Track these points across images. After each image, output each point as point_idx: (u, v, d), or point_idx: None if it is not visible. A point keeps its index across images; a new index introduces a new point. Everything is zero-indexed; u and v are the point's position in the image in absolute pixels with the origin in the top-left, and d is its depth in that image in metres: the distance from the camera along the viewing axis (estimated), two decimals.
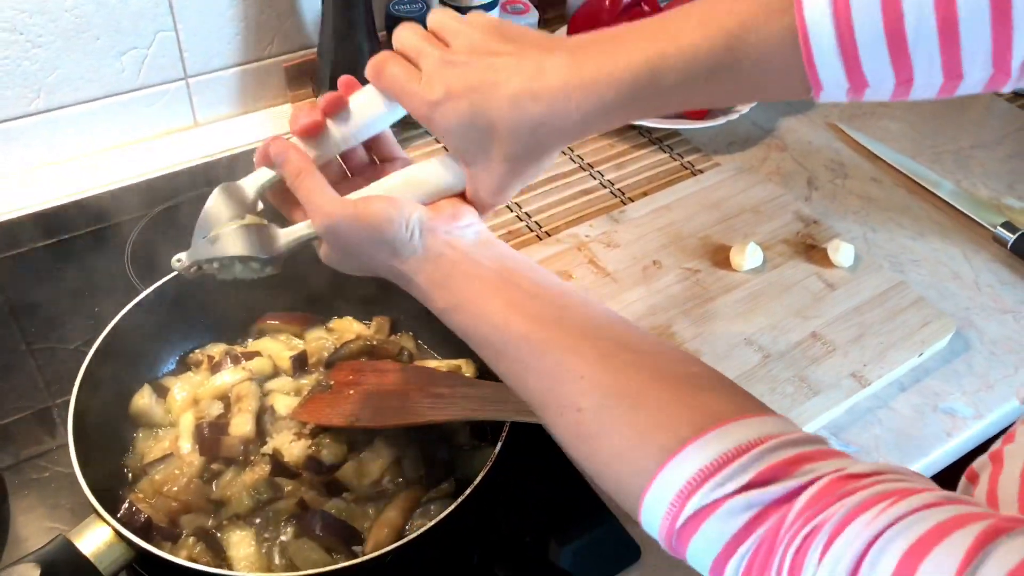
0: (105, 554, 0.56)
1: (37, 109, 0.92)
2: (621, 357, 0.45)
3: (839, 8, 0.42)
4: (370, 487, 0.65)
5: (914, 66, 0.43)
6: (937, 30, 0.41)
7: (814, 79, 0.44)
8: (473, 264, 0.51)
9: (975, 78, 0.43)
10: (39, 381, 0.77)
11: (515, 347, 0.48)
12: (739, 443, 0.39)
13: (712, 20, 0.45)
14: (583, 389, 0.45)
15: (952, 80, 0.43)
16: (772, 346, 0.80)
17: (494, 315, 0.49)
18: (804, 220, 0.94)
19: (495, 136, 0.50)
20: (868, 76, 0.43)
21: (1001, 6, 0.40)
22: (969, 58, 0.42)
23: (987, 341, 0.84)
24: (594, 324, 0.48)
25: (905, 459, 0.74)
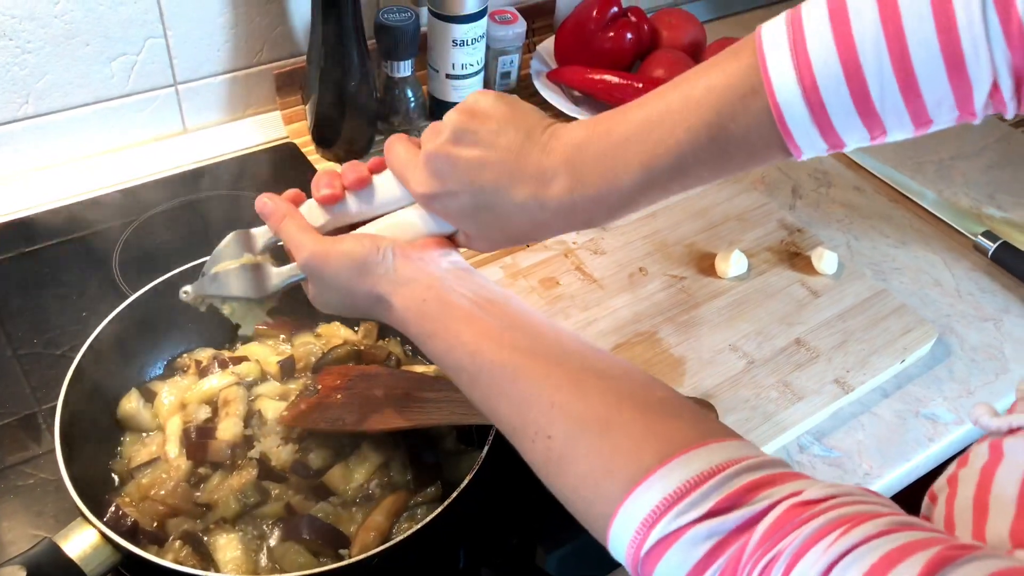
0: (91, 557, 0.56)
1: (26, 114, 0.92)
2: (591, 384, 0.47)
3: (807, 87, 0.45)
4: (357, 491, 0.66)
5: (885, 122, 0.47)
6: (899, 91, 0.45)
7: (794, 148, 0.49)
8: (447, 292, 0.52)
9: (944, 120, 0.46)
10: (25, 387, 0.76)
11: (488, 374, 0.49)
12: (700, 470, 0.40)
13: (691, 113, 0.49)
14: (554, 417, 0.46)
15: (923, 127, 0.47)
16: (756, 352, 0.81)
17: (468, 343, 0.50)
18: (788, 228, 0.95)
19: (499, 225, 0.54)
20: (843, 137, 0.48)
21: (953, 60, 0.43)
22: (934, 108, 0.45)
23: (968, 348, 0.86)
24: (566, 352, 0.49)
25: (887, 464, 0.75)
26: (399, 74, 1.00)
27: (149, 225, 0.91)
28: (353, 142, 1.01)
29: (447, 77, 1.03)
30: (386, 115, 1.03)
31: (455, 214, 0.55)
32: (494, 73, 1.08)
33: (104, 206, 0.93)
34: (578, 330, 0.82)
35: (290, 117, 1.04)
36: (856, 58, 0.44)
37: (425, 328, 0.52)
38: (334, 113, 0.98)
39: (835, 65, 0.45)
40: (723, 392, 0.77)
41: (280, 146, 1.03)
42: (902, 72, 0.44)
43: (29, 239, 0.89)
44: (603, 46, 1.09)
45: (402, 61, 0.99)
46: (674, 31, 1.14)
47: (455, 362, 0.51)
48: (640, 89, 1.05)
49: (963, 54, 0.43)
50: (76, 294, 0.83)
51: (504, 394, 0.48)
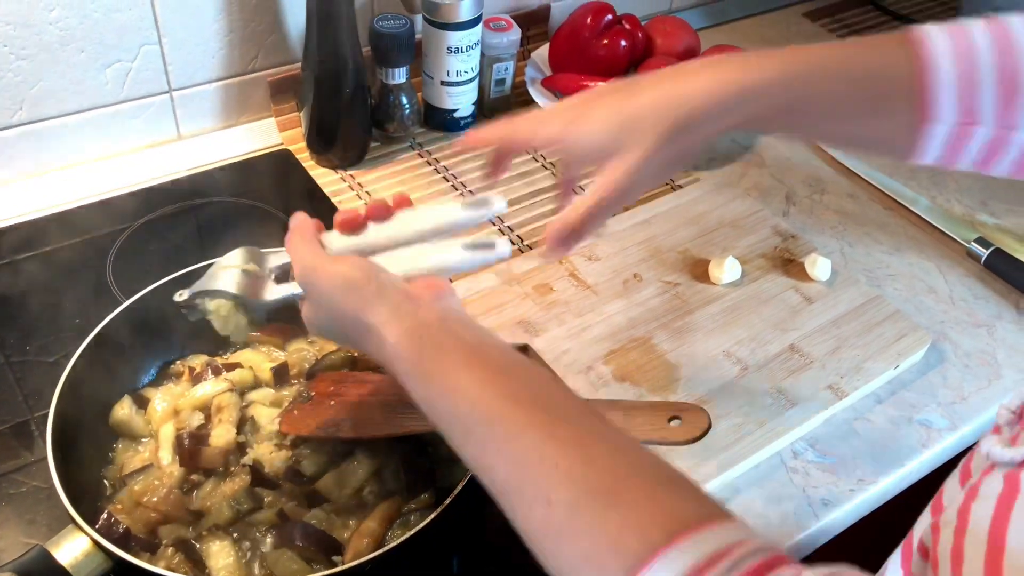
0: (83, 564, 0.55)
1: (20, 121, 0.92)
2: (598, 449, 0.43)
3: (959, 51, 0.52)
4: (350, 497, 0.65)
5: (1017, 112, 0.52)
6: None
7: (927, 99, 0.52)
8: (445, 333, 0.49)
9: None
10: (17, 394, 0.76)
11: (487, 426, 0.45)
12: (707, 554, 0.38)
13: (852, 42, 0.56)
14: (557, 480, 0.42)
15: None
16: (750, 358, 0.81)
17: (467, 389, 0.47)
18: (782, 235, 0.95)
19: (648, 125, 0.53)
20: (978, 112, 0.52)
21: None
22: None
23: (961, 354, 0.86)
24: (573, 412, 0.46)
25: (881, 470, 0.75)
26: (394, 81, 1.00)
27: (143, 232, 0.91)
28: (348, 149, 1.01)
29: (442, 84, 1.03)
30: (381, 122, 1.03)
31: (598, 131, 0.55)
32: (488, 80, 1.08)
33: (98, 212, 0.93)
34: (572, 336, 0.82)
35: (285, 124, 1.05)
36: (1012, 47, 0.52)
37: (419, 369, 0.49)
38: (329, 120, 0.98)
39: (989, 47, 0.52)
40: (717, 398, 0.77)
41: (275, 153, 1.03)
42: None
43: (22, 246, 0.89)
44: (597, 53, 1.10)
45: (397, 68, 0.99)
46: (668, 38, 1.14)
47: (449, 409, 0.47)
48: None
49: None
50: (69, 301, 0.83)
51: (502, 450, 0.45)
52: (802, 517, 0.71)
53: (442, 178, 1.02)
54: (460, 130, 1.08)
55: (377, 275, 0.53)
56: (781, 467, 0.75)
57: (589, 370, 0.79)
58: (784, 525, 0.71)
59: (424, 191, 1.00)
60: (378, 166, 1.03)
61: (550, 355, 0.80)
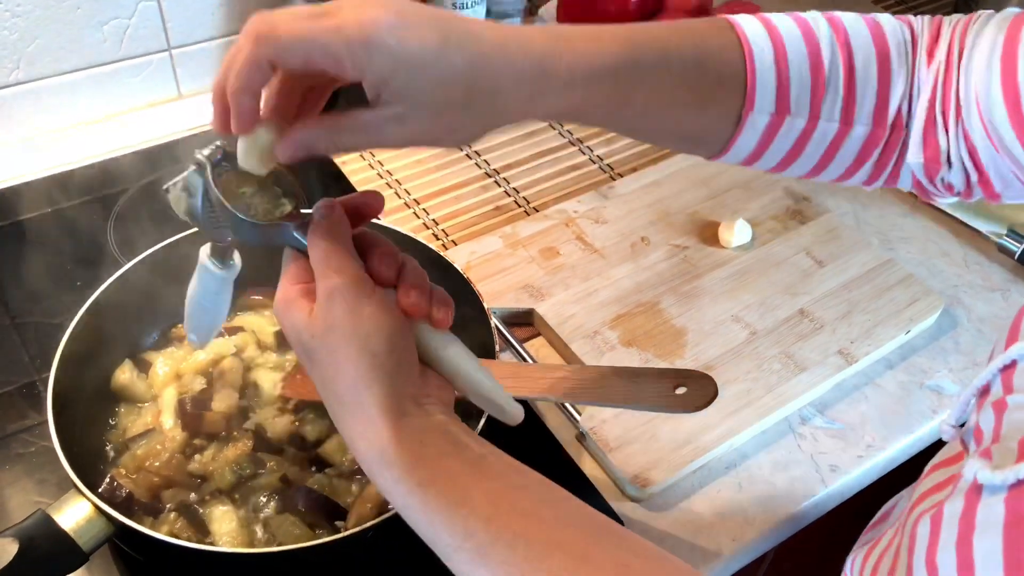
0: (85, 529, 0.55)
1: (17, 80, 0.91)
2: (636, 569, 0.40)
3: (775, 43, 0.52)
4: (353, 463, 0.65)
5: (823, 104, 0.52)
6: (843, 74, 0.52)
7: (751, 92, 0.51)
8: (449, 442, 0.43)
9: (859, 131, 0.53)
10: (24, 356, 0.76)
11: (508, 548, 0.39)
12: None
13: (680, 25, 0.51)
14: None
15: (845, 126, 0.53)
16: (759, 323, 0.80)
17: (478, 503, 0.40)
18: (794, 196, 0.93)
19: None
20: (792, 103, 0.52)
21: (884, 73, 0.53)
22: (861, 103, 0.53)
23: (974, 319, 0.84)
24: (594, 525, 0.42)
25: (891, 436, 0.74)
26: None
27: (144, 193, 0.90)
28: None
29: None
30: None
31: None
32: None
33: (98, 174, 0.92)
34: (578, 300, 0.81)
35: None
36: (815, 41, 0.52)
37: (416, 476, 0.41)
38: None
39: (799, 40, 0.52)
40: (724, 363, 0.76)
41: None
42: (846, 59, 0.53)
43: (23, 207, 0.88)
44: (607, 8, 1.07)
45: None
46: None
47: (456, 525, 0.40)
48: None
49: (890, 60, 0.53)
50: (71, 263, 0.83)
51: (526, 574, 0.39)
52: (809, 483, 0.71)
53: None
54: None
55: (401, 351, 0.44)
56: (789, 433, 0.74)
57: (595, 335, 0.78)
58: (791, 491, 0.70)
59: (431, 151, 0.98)
60: None
61: (555, 320, 0.79)
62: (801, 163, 0.56)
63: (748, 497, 0.69)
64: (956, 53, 0.53)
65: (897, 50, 0.54)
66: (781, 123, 0.53)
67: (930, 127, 0.54)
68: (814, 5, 0.57)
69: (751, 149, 0.55)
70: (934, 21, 0.55)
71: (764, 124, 0.53)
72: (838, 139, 0.54)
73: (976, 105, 0.51)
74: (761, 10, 0.57)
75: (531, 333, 0.80)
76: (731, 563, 0.67)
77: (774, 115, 0.53)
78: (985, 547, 0.36)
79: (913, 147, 0.55)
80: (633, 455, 0.69)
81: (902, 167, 0.57)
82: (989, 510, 0.37)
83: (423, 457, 0.42)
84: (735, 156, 0.56)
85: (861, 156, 0.56)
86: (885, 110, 0.54)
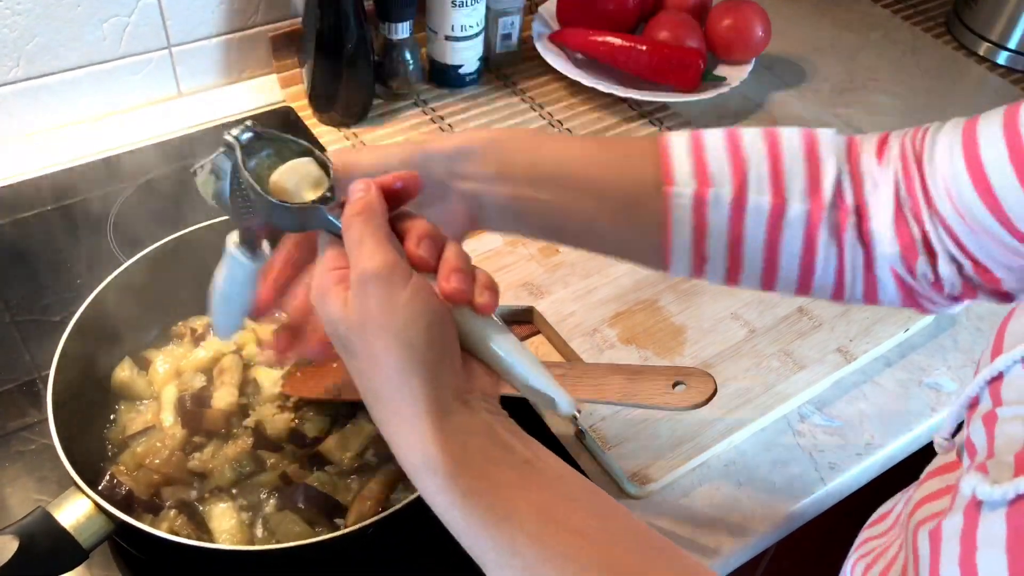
0: (85, 526, 0.55)
1: (16, 77, 0.91)
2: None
3: (695, 147, 0.54)
4: (353, 460, 0.65)
5: (748, 198, 0.52)
6: (767, 154, 0.53)
7: (666, 160, 0.53)
8: (495, 445, 0.40)
9: (797, 208, 0.52)
10: (24, 353, 0.76)
11: (557, 568, 0.37)
12: None
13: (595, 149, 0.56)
14: None
15: (778, 199, 0.52)
16: (758, 321, 0.80)
17: (525, 518, 0.38)
18: None
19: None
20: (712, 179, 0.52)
21: (812, 155, 0.53)
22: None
23: (973, 316, 0.84)
24: (648, 542, 0.40)
25: (889, 433, 0.74)
26: (397, 36, 0.97)
27: (144, 191, 0.90)
28: (351, 106, 0.99)
29: (446, 39, 1.01)
30: (384, 78, 1.01)
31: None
32: (495, 35, 1.06)
33: (98, 171, 0.92)
34: (577, 298, 0.81)
35: (287, 80, 1.03)
36: (736, 132, 0.55)
37: (460, 484, 0.39)
38: (331, 76, 0.96)
39: (718, 133, 0.55)
40: (723, 361, 0.77)
41: (277, 110, 1.01)
42: (772, 151, 0.53)
43: (22, 205, 0.88)
44: (607, 7, 1.07)
45: (400, 23, 0.96)
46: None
47: (502, 541, 0.38)
48: (643, 52, 1.03)
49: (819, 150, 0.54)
50: (71, 261, 0.83)
51: None
52: (808, 481, 0.71)
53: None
54: (466, 87, 1.06)
55: (441, 341, 0.41)
56: (788, 430, 0.74)
57: (595, 332, 0.78)
58: (790, 489, 0.70)
59: None
60: (382, 124, 1.01)
61: (555, 317, 0.79)
62: (750, 255, 0.53)
63: (747, 495, 0.70)
64: (912, 151, 0.52)
65: (826, 141, 0.53)
66: (705, 194, 0.52)
67: (900, 217, 0.51)
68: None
69: (688, 234, 0.53)
70: (879, 134, 0.55)
71: (689, 197, 0.52)
72: (775, 215, 0.52)
73: (947, 194, 0.50)
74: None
75: (530, 331, 0.80)
76: (730, 560, 0.67)
77: (697, 187, 0.52)
78: (989, 565, 0.36)
79: (884, 238, 0.52)
80: (632, 453, 0.69)
81: (873, 266, 0.53)
82: (990, 527, 0.36)
83: (467, 464, 0.39)
84: (678, 247, 0.54)
85: (808, 240, 0.52)
86: (818, 188, 0.52)
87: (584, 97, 1.06)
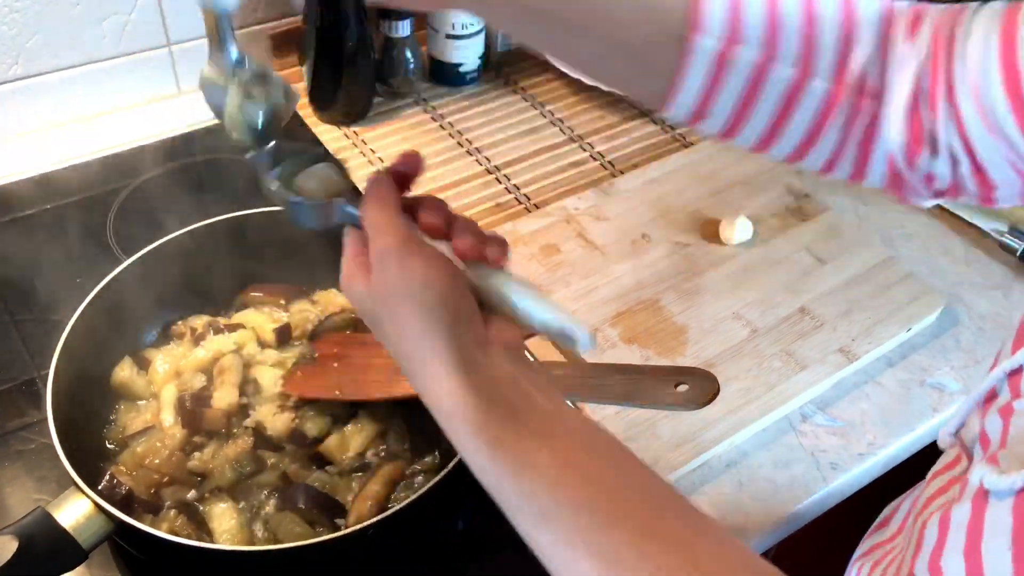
0: (84, 526, 0.55)
1: (16, 75, 0.90)
2: (700, 545, 0.39)
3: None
4: (354, 460, 0.65)
5: (779, 47, 0.48)
6: (801, 16, 0.48)
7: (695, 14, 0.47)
8: (519, 395, 0.42)
9: (817, 85, 0.49)
10: (23, 352, 0.76)
11: (571, 515, 0.39)
12: None
13: None
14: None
15: (803, 75, 0.49)
16: (760, 321, 0.80)
17: (545, 467, 0.39)
18: (795, 194, 0.93)
19: None
20: (744, 29, 0.47)
21: (847, 29, 0.49)
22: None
23: (975, 316, 0.84)
24: (662, 496, 0.42)
25: (891, 434, 0.74)
26: (398, 34, 0.97)
27: (143, 189, 0.90)
28: (351, 105, 0.99)
29: (447, 37, 1.00)
30: (385, 77, 1.01)
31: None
32: (495, 33, 1.05)
33: (98, 170, 0.92)
34: (579, 298, 0.81)
35: (287, 79, 1.01)
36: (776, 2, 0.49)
37: (485, 434, 0.40)
38: (331, 75, 0.96)
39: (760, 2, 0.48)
40: (725, 361, 0.76)
41: None
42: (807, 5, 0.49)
43: (22, 203, 0.88)
44: None
45: (401, 21, 0.96)
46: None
47: (521, 488, 0.40)
48: None
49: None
50: (71, 260, 0.82)
51: (590, 543, 0.38)
52: (810, 481, 0.71)
53: (448, 135, 1.00)
54: (466, 85, 1.05)
55: (456, 300, 0.42)
56: (790, 430, 0.74)
57: (596, 332, 0.78)
58: (792, 489, 0.70)
59: (430, 147, 0.98)
60: (383, 122, 1.01)
61: None
62: (755, 120, 0.50)
63: (749, 495, 0.69)
64: (945, 33, 0.49)
65: (865, 13, 0.49)
66: (730, 54, 0.48)
67: (914, 108, 0.49)
68: None
69: (698, 88, 0.49)
70: (915, 5, 0.51)
71: (713, 50, 0.47)
72: (794, 89, 0.49)
73: (973, 88, 0.47)
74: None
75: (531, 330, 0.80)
76: None
77: (724, 42, 0.48)
78: (994, 554, 0.36)
79: (894, 125, 0.49)
80: (634, 452, 0.69)
81: (872, 149, 0.51)
82: (997, 516, 0.37)
83: (492, 414, 0.41)
84: (683, 99, 0.50)
85: (820, 120, 0.50)
86: (845, 68, 0.49)
87: (584, 95, 1.06)
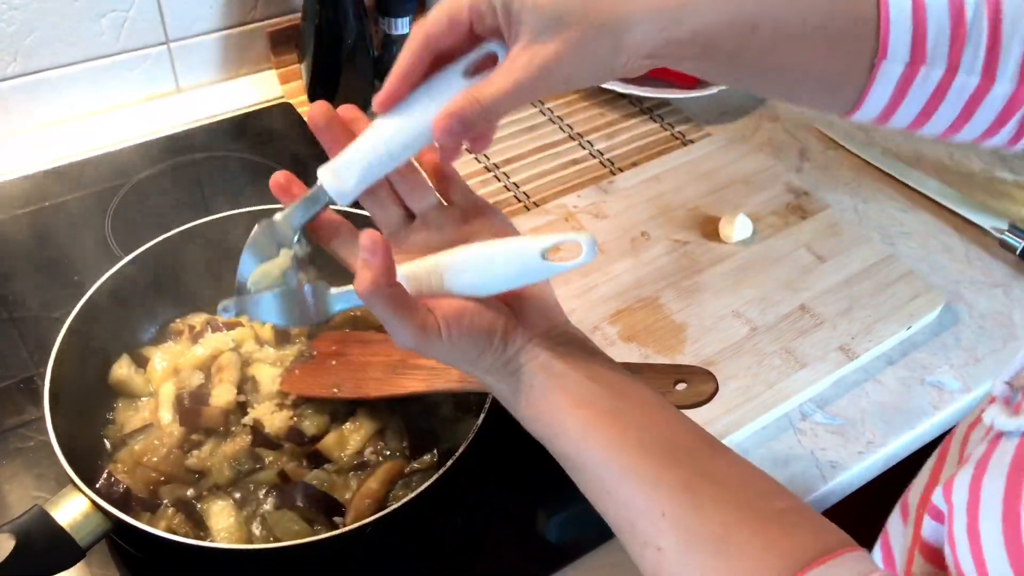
0: (82, 524, 0.55)
1: (14, 73, 0.90)
2: (706, 493, 0.43)
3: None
4: (352, 458, 0.65)
5: (965, 52, 0.48)
6: (987, 24, 0.48)
7: (885, 32, 0.48)
8: (553, 377, 0.47)
9: (1002, 89, 0.49)
10: (22, 350, 0.76)
11: (594, 469, 0.45)
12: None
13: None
14: (664, 528, 0.42)
15: (987, 81, 0.49)
16: (760, 319, 0.80)
17: (572, 432, 0.46)
18: (795, 191, 0.93)
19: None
20: (928, 51, 0.48)
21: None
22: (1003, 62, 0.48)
23: (976, 315, 0.84)
24: (679, 450, 0.45)
25: (891, 432, 0.74)
26: (397, 31, 0.97)
27: (142, 187, 0.90)
28: (350, 102, 0.98)
29: None
30: (384, 74, 1.00)
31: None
32: None
33: (96, 168, 0.91)
34: (578, 296, 0.81)
35: (286, 76, 1.02)
36: (962, 8, 0.49)
37: (529, 412, 0.48)
38: (330, 72, 0.95)
39: (944, 9, 0.49)
40: (725, 359, 0.76)
41: (275, 106, 1.01)
42: (992, 9, 0.48)
43: (21, 201, 0.88)
44: None
45: (400, 18, 0.96)
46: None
47: (560, 450, 0.47)
48: None
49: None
50: (69, 257, 0.82)
51: (611, 493, 0.45)
52: (810, 479, 0.71)
53: None
54: None
55: (482, 341, 0.47)
56: (789, 429, 0.74)
57: (595, 330, 0.78)
58: (791, 487, 0.69)
59: None
60: None
61: None
62: (937, 121, 0.52)
63: None
64: None
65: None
66: (915, 74, 0.50)
67: None
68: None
69: (885, 102, 0.51)
70: None
71: (898, 74, 0.49)
72: (977, 95, 0.51)
73: None
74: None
75: None
76: None
77: (909, 65, 0.49)
78: (990, 488, 0.37)
79: None
80: None
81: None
82: (1002, 453, 0.38)
83: (528, 396, 0.47)
84: (869, 110, 0.52)
85: (1003, 116, 0.52)
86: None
87: (585, 93, 1.06)
